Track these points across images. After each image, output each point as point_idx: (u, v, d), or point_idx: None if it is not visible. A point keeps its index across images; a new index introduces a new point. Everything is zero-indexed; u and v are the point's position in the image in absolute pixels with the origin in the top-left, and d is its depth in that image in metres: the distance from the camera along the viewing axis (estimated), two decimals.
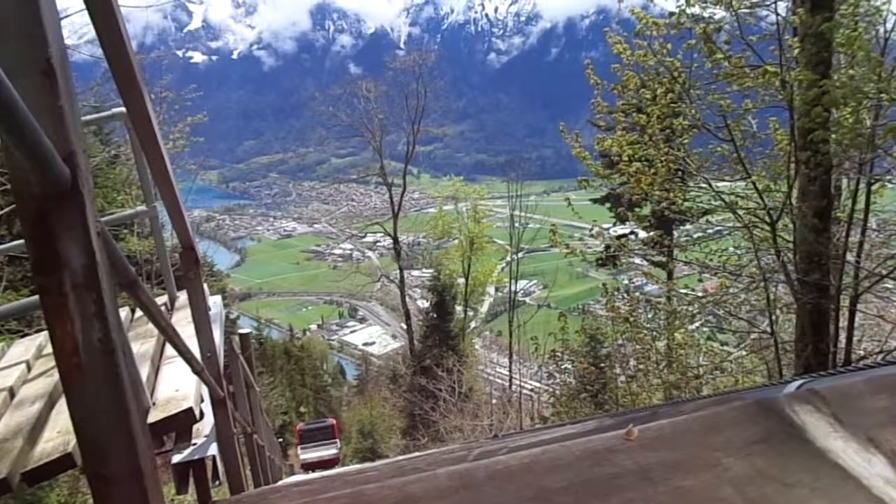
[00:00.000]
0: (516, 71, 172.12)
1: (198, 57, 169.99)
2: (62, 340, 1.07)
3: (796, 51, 6.90)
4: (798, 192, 7.28)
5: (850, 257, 7.37)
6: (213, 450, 3.32)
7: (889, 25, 6.72)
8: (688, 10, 7.51)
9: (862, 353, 8.27)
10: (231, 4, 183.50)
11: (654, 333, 10.52)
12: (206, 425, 3.41)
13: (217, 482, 3.50)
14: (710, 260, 9.40)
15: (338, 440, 24.28)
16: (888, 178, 7.38)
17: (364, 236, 79.85)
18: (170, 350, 3.67)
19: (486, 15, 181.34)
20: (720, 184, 8.93)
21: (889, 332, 8.77)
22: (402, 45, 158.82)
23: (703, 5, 7.50)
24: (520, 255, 30.89)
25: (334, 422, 25.43)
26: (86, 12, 1.43)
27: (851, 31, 6.42)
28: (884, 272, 7.20)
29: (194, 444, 3.31)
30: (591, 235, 11.16)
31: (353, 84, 40.82)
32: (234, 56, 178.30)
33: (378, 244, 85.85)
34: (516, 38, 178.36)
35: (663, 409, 3.57)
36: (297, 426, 25.81)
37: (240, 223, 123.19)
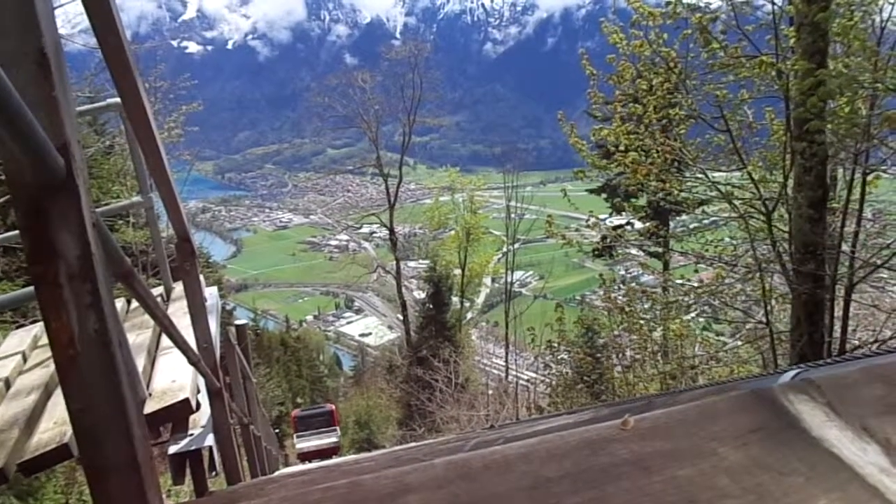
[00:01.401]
0: (512, 61, 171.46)
1: (193, 47, 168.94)
2: (58, 331, 1.07)
3: (792, 40, 6.89)
4: (794, 182, 7.28)
5: (845, 247, 7.39)
6: (210, 440, 3.33)
7: (885, 15, 6.71)
8: (684, 0, 7.50)
9: (857, 342, 8.30)
10: None
11: (651, 324, 10.56)
12: (202, 416, 3.42)
13: (214, 473, 3.50)
14: (706, 250, 9.42)
15: (338, 427, 22.91)
16: (883, 168, 7.39)
17: (360, 227, 79.78)
18: (166, 341, 3.67)
19: (483, 5, 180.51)
20: (716, 174, 8.93)
21: (884, 321, 8.80)
22: (397, 36, 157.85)
23: None
24: (516, 245, 30.86)
25: (333, 407, 24.12)
26: (79, 2, 1.42)
27: (847, 20, 6.41)
28: (878, 262, 7.21)
29: (191, 435, 3.31)
30: (588, 226, 11.14)
31: (349, 74, 40.80)
32: (229, 46, 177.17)
33: (374, 235, 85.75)
34: (512, 28, 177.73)
35: (659, 398, 3.59)
36: (293, 412, 24.61)
37: (235, 214, 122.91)
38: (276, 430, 21.21)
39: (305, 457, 21.12)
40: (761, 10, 7.55)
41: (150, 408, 2.91)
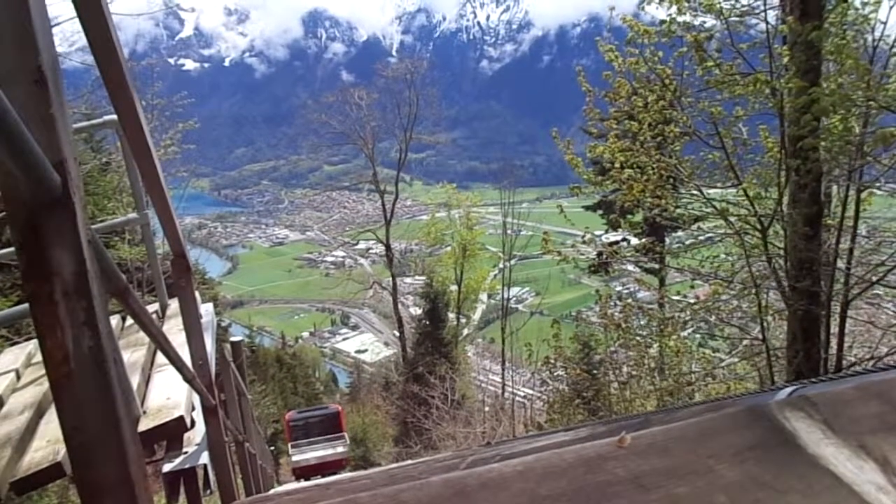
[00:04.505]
0: (508, 78, 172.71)
1: (190, 64, 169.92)
2: (52, 349, 1.06)
3: (786, 59, 6.95)
4: (789, 199, 7.31)
5: (840, 264, 7.40)
6: (205, 458, 3.31)
7: (877, 34, 6.78)
8: (679, 19, 7.55)
9: (853, 359, 8.30)
10: (223, 12, 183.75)
11: (647, 340, 10.54)
12: (197, 433, 3.40)
13: (208, 491, 3.48)
14: (702, 267, 9.41)
15: (345, 434, 19.00)
16: (877, 185, 7.42)
17: (356, 243, 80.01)
18: (161, 358, 3.66)
19: (478, 23, 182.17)
20: (711, 191, 8.96)
21: (879, 338, 8.80)
22: (394, 53, 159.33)
23: (694, 13, 7.55)
24: (512, 262, 30.86)
25: (340, 408, 20.37)
26: (77, 20, 1.43)
27: (840, 39, 6.47)
28: (874, 278, 7.23)
29: (185, 453, 3.30)
30: (584, 242, 11.15)
31: (346, 91, 40.91)
32: (226, 63, 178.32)
33: (370, 251, 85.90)
34: (508, 45, 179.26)
35: (656, 415, 3.58)
36: (287, 415, 20.30)
37: (231, 230, 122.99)
38: (272, 448, 20.80)
39: (303, 472, 17.43)
40: (755, 28, 7.62)
41: (144, 425, 2.89)
